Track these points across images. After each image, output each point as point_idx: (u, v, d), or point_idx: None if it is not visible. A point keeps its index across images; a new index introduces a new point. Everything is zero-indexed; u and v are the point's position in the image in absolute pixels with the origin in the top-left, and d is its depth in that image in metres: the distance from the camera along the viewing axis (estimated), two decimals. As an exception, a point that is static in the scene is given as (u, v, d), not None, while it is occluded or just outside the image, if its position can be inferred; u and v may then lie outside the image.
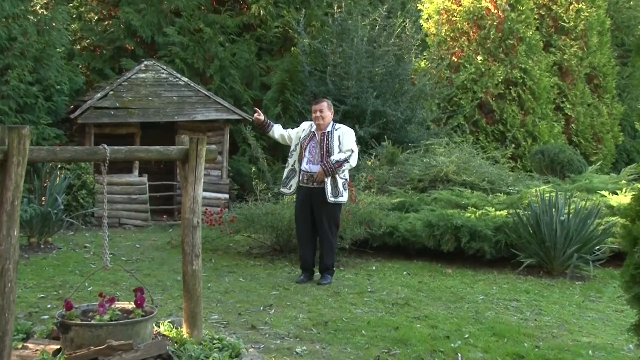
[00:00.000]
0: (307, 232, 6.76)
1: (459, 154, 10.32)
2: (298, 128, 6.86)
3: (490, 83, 14.57)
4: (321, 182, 6.57)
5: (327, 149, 6.61)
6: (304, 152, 6.62)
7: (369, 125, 12.67)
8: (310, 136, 6.67)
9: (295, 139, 6.74)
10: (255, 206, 8.39)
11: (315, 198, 6.61)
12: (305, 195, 6.63)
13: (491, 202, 8.69)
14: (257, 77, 14.20)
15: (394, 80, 13.26)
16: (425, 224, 8.16)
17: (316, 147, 6.64)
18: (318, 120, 6.66)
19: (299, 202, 6.69)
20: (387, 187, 9.91)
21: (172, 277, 6.84)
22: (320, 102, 6.76)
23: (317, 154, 6.62)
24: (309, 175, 6.60)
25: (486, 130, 14.55)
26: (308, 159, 6.63)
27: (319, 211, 6.64)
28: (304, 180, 6.61)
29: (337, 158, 6.61)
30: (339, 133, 6.72)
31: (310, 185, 6.61)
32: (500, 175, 10.07)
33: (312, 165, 6.61)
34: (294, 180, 6.66)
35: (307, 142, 6.64)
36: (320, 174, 6.54)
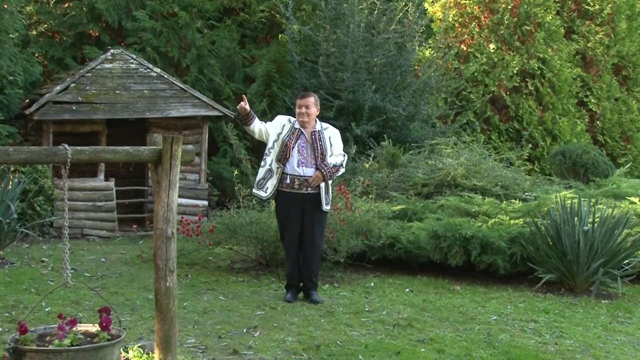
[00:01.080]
0: (297, 244, 6.77)
1: (468, 155, 10.36)
2: (274, 122, 6.81)
3: (504, 75, 14.65)
4: (316, 187, 6.58)
5: (321, 151, 6.63)
6: (291, 151, 6.60)
7: (367, 122, 12.72)
8: (297, 134, 6.65)
9: (272, 134, 6.68)
10: (238, 214, 8.40)
11: (308, 205, 6.61)
12: (297, 202, 6.61)
13: (505, 210, 8.73)
14: (240, 68, 14.23)
15: (394, 72, 13.31)
16: (430, 235, 8.19)
17: (306, 147, 6.65)
18: (302, 117, 6.66)
19: (289, 210, 6.67)
20: (387, 192, 9.94)
21: (143, 295, 6.83)
22: (306, 97, 6.77)
23: (309, 155, 6.62)
24: (303, 179, 6.59)
25: (499, 128, 14.62)
26: (299, 160, 6.61)
27: (311, 220, 6.65)
28: (293, 184, 6.58)
29: (334, 162, 6.65)
30: (328, 133, 6.75)
31: (303, 190, 6.60)
32: (515, 179, 10.12)
33: (305, 167, 6.61)
34: (270, 182, 6.62)
35: (293, 141, 6.62)
36: (317, 178, 6.55)
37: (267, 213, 8.28)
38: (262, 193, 6.66)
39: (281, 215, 6.77)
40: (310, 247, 6.71)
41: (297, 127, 6.69)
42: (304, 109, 6.66)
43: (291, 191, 6.61)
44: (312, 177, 6.56)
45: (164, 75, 11.96)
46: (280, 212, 6.76)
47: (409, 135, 13.04)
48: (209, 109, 11.79)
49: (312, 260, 6.74)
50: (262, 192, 6.66)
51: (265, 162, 6.65)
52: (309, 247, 6.71)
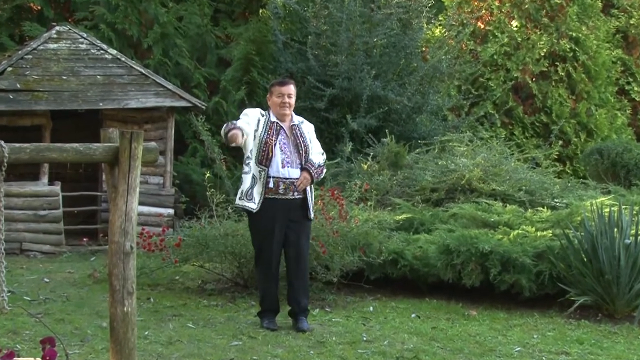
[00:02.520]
0: (277, 261, 6.77)
1: (486, 154, 10.40)
2: (249, 118, 6.69)
3: (529, 57, 14.74)
4: (302, 191, 6.60)
5: (305, 148, 6.64)
6: (273, 150, 6.58)
7: (365, 115, 12.77)
8: (275, 129, 6.63)
9: (251, 134, 6.63)
10: (210, 225, 8.39)
11: (294, 213, 6.61)
12: (283, 209, 6.59)
13: (530, 220, 8.76)
14: (212, 50, 14.26)
15: (398, 54, 13.38)
16: (441, 249, 8.21)
17: (288, 144, 6.65)
18: (284, 108, 6.65)
19: (269, 220, 6.62)
20: (389, 198, 9.96)
21: (95, 322, 6.82)
22: (288, 83, 6.77)
23: (293, 154, 6.63)
24: (289, 182, 6.58)
25: (523, 121, 14.71)
26: (283, 160, 6.59)
27: (298, 231, 6.65)
28: (277, 189, 6.56)
29: (318, 161, 6.68)
30: (306, 128, 6.79)
31: (289, 195, 6.59)
32: (543, 183, 10.15)
33: (290, 168, 6.61)
34: (257, 190, 6.59)
35: (273, 137, 6.58)
36: (305, 179, 6.55)
37: (245, 223, 8.28)
38: (251, 205, 6.55)
39: (262, 227, 6.68)
40: (299, 264, 6.70)
41: (273, 120, 6.67)
42: (285, 98, 6.65)
43: (275, 197, 6.58)
44: (299, 179, 6.56)
45: (121, 57, 11.97)
46: (261, 222, 6.66)
47: (415, 130, 13.09)
48: (176, 99, 11.80)
49: (301, 279, 6.74)
50: (252, 204, 6.55)
51: (249, 167, 6.59)
52: (297, 263, 6.69)
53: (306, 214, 6.62)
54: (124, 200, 4.11)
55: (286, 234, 6.64)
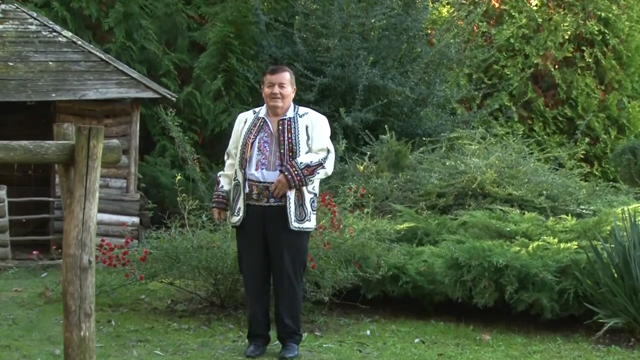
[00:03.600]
0: (260, 278, 6.76)
1: (501, 153, 10.42)
2: (236, 125, 6.88)
3: (551, 41, 14.78)
4: (281, 196, 6.58)
5: (289, 146, 6.61)
6: (251, 150, 6.59)
7: (360, 108, 12.78)
8: (259, 125, 6.65)
9: (239, 139, 6.74)
10: (182, 235, 8.38)
11: (270, 223, 6.61)
12: (256, 218, 6.60)
13: (552, 229, 8.78)
14: (184, 32, 14.24)
15: (399, 38, 13.39)
16: (449, 264, 8.22)
17: (270, 141, 6.63)
18: (275, 101, 6.65)
19: (246, 231, 6.67)
20: (389, 204, 9.97)
21: (47, 349, 6.80)
22: (279, 72, 6.77)
23: (272, 153, 6.61)
24: (262, 186, 6.58)
25: (544, 115, 14.76)
26: (258, 160, 6.59)
27: (277, 244, 6.64)
28: (251, 194, 6.58)
29: (307, 160, 6.60)
30: (305, 121, 6.72)
31: (264, 202, 6.59)
32: (567, 187, 10.17)
33: (265, 170, 6.60)
34: (241, 199, 6.62)
35: (253, 135, 6.60)
36: (280, 184, 6.53)
37: (222, 234, 8.28)
38: (234, 218, 6.66)
39: (240, 239, 6.80)
40: (281, 283, 6.70)
41: (261, 116, 6.69)
42: (277, 88, 6.65)
43: (249, 203, 6.61)
44: (273, 183, 6.55)
45: (77, 41, 11.95)
46: (239, 234, 6.78)
47: (419, 125, 13.11)
48: (141, 89, 11.79)
49: (285, 301, 6.73)
50: (235, 217, 6.65)
51: (236, 174, 6.70)
52: (279, 282, 6.71)
53: (286, 224, 6.59)
54: (81, 207, 4.10)
55: (268, 248, 6.66)
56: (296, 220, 6.57)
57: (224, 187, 6.79)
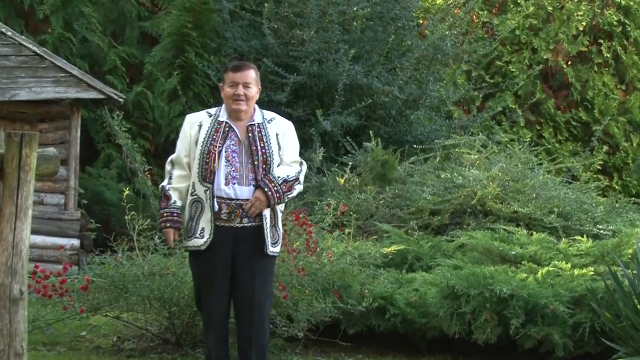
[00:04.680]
0: (224, 314, 6.73)
1: (504, 163, 10.46)
2: (182, 133, 6.73)
3: (563, 33, 14.85)
4: (256, 216, 6.56)
5: (264, 157, 6.60)
6: (218, 160, 6.55)
7: (341, 111, 12.78)
8: (223, 131, 6.59)
9: (192, 146, 6.64)
10: (130, 261, 8.36)
11: (241, 247, 6.58)
12: (225, 241, 6.56)
13: (565, 253, 8.81)
14: (134, 22, 14.22)
15: (386, 29, 13.42)
16: (444, 293, 8.23)
17: (239, 151, 6.60)
18: (239, 103, 6.60)
19: (212, 257, 6.61)
20: (374, 224, 9.98)
21: (-29, 395, 6.76)
22: (244, 69, 6.73)
23: (243, 166, 6.58)
24: (235, 204, 6.56)
25: (555, 119, 14.81)
26: (228, 173, 6.56)
27: (249, 270, 6.61)
28: (220, 213, 6.54)
29: (284, 174, 6.59)
30: (275, 128, 6.70)
31: (236, 223, 6.56)
32: (582, 204, 10.21)
33: (237, 185, 6.57)
34: (205, 219, 6.54)
35: (218, 143, 6.57)
36: (258, 201, 6.51)
37: (178, 258, 8.26)
38: (198, 241, 6.51)
39: (201, 266, 6.66)
40: (250, 314, 6.68)
41: (222, 119, 6.65)
42: (241, 88, 6.62)
43: (217, 224, 6.57)
44: (249, 201, 6.53)
45: (7, 31, 11.90)
46: (200, 260, 6.63)
47: (409, 131, 13.14)
48: (83, 88, 11.75)
49: (253, 337, 6.71)
50: (199, 239, 6.51)
51: (194, 188, 6.59)
52: (247, 313, 6.67)
53: (262, 248, 6.57)
54: (11, 227, 4.08)
55: (236, 275, 6.60)
56: (272, 243, 6.56)
57: (177, 203, 6.61)
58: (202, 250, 6.55)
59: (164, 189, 6.65)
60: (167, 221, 6.56)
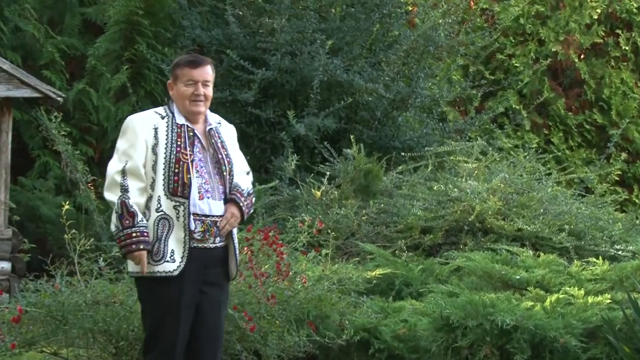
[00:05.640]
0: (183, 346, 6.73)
1: (507, 173, 10.48)
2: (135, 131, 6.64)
3: (575, 22, 14.91)
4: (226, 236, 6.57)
5: (228, 167, 6.61)
6: (190, 170, 6.53)
7: (317, 112, 12.78)
8: (188, 137, 6.58)
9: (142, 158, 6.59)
10: (71, 287, 8.34)
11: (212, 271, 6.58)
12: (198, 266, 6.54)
13: (577, 277, 8.84)
14: (74, 8, 14.19)
15: (369, 17, 13.44)
16: (437, 325, 8.24)
17: (205, 160, 6.60)
18: (197, 104, 6.59)
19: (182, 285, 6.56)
20: (356, 243, 9.99)
21: None
22: (203, 64, 6.68)
23: (212, 177, 6.58)
24: (210, 221, 6.54)
25: (566, 122, 14.86)
26: (200, 186, 6.54)
27: (214, 300, 6.61)
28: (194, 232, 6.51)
29: (246, 187, 6.63)
30: (226, 134, 6.74)
31: (209, 243, 6.55)
32: (597, 220, 10.24)
33: (211, 200, 6.57)
34: (175, 240, 6.49)
35: (187, 150, 6.55)
36: (234, 218, 6.52)
37: (126, 285, 8.24)
38: (167, 265, 6.47)
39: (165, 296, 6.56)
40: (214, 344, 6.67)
41: (181, 122, 6.63)
42: (199, 87, 6.63)
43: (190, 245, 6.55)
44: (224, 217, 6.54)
45: None
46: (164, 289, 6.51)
47: (396, 136, 13.16)
48: (14, 86, 11.73)
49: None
50: (168, 264, 6.48)
51: (150, 206, 6.56)
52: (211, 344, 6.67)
53: (227, 271, 6.60)
54: None
55: (198, 305, 6.60)
56: (236, 266, 6.61)
57: (144, 221, 6.45)
58: (174, 276, 6.47)
59: (127, 204, 6.44)
60: (138, 242, 6.36)
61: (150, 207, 6.47)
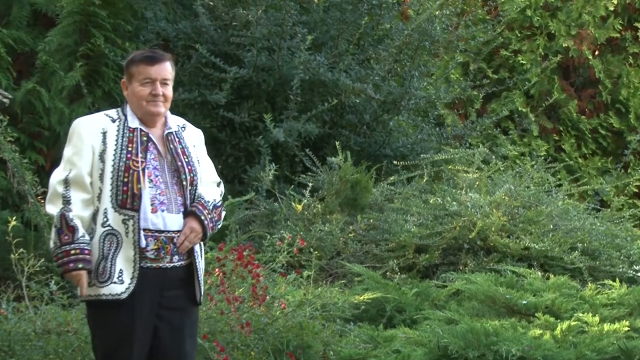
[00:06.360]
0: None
1: (512, 185, 10.49)
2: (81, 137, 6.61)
3: (589, 14, 14.94)
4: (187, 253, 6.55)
5: (190, 175, 6.58)
6: (141, 179, 6.51)
7: (298, 115, 12.77)
8: (140, 141, 6.54)
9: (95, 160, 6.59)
10: (18, 314, 8.31)
11: (172, 293, 6.56)
12: (151, 288, 6.52)
13: (591, 302, 8.85)
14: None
15: (356, 9, 13.45)
16: (434, 355, 8.24)
17: (161, 168, 6.56)
18: (156, 105, 6.56)
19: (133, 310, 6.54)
20: (342, 264, 9.99)
21: None
22: (161, 61, 6.64)
23: (169, 187, 6.56)
24: (165, 237, 6.52)
25: (578, 127, 14.90)
26: (154, 197, 6.52)
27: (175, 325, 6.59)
28: (146, 250, 6.49)
29: (211, 198, 6.60)
30: (190, 139, 6.70)
31: (165, 262, 6.53)
32: (613, 238, 10.26)
33: (167, 213, 6.55)
34: (124, 258, 6.47)
35: (139, 157, 6.53)
36: (194, 234, 6.50)
37: (81, 311, 8.22)
38: (115, 287, 6.43)
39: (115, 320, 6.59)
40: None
41: (134, 126, 6.60)
42: (157, 86, 6.59)
43: (141, 265, 6.53)
44: (182, 232, 6.52)
45: None
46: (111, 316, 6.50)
47: (387, 142, 13.17)
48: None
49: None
50: (116, 286, 6.44)
51: (95, 221, 6.53)
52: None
53: (193, 295, 6.57)
54: None
55: (156, 332, 6.57)
56: (200, 289, 6.57)
57: (86, 237, 6.41)
58: (122, 299, 6.42)
59: (66, 218, 6.41)
60: (77, 261, 6.32)
61: (97, 221, 6.44)
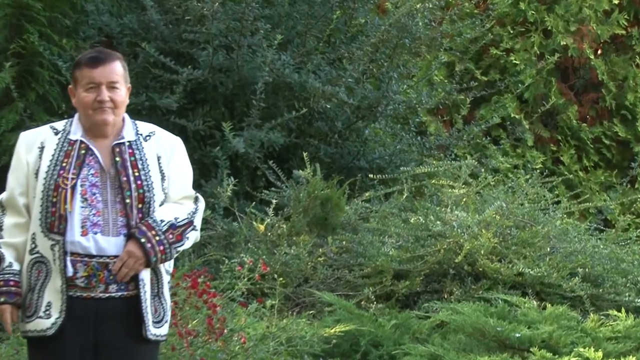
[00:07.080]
0: None
1: (504, 202, 10.50)
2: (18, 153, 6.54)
3: (590, 9, 14.99)
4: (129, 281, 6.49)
5: (138, 192, 6.53)
6: (72, 199, 6.46)
7: (260, 123, 12.76)
8: (78, 154, 6.51)
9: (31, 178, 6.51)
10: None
11: (108, 330, 6.51)
12: (83, 322, 6.49)
13: (593, 335, 8.85)
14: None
15: (327, 1, 13.44)
16: (416, 397, 8.23)
17: (102, 184, 6.51)
18: (104, 112, 6.53)
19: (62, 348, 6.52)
20: (310, 292, 9.97)
21: None
22: (107, 61, 6.59)
23: (109, 206, 6.50)
24: (97, 263, 6.48)
25: (579, 136, 14.93)
26: (86, 218, 6.47)
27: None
28: (75, 278, 6.46)
29: (169, 217, 6.53)
30: (155, 148, 6.60)
31: (99, 292, 6.49)
32: (618, 262, 10.28)
33: (101, 235, 6.50)
34: (52, 291, 6.45)
35: (70, 174, 6.48)
36: (132, 259, 6.44)
37: (13, 345, 8.24)
38: (40, 322, 6.41)
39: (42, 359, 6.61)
40: None
41: (75, 137, 6.56)
42: (103, 91, 6.53)
43: (70, 294, 6.48)
44: (118, 258, 6.46)
45: None
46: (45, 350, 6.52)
47: (362, 153, 13.18)
48: None
49: None
50: (42, 320, 6.42)
51: (34, 243, 6.49)
52: None
53: (138, 329, 6.51)
54: None
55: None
56: (154, 322, 6.49)
57: (14, 267, 6.42)
58: (49, 336, 6.38)
59: None
60: (0, 294, 6.37)
61: (26, 248, 6.43)
